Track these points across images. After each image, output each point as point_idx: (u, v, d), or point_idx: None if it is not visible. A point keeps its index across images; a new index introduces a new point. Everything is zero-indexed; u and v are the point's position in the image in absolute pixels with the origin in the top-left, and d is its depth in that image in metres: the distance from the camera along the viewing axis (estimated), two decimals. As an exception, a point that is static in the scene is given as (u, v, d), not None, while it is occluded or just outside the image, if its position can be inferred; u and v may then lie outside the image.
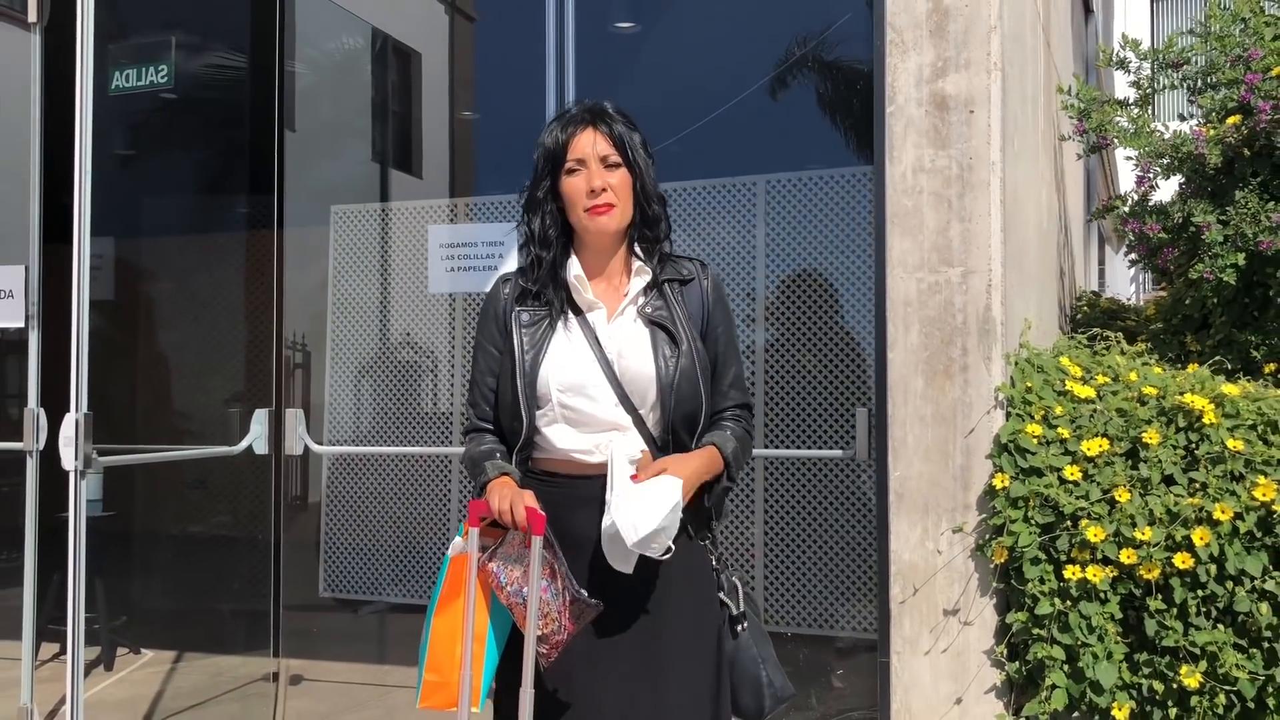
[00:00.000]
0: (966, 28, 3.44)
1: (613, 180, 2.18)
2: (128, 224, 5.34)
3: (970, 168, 3.42)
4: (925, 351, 3.45)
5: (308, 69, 5.38)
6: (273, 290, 4.37)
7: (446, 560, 2.11)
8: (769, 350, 4.93)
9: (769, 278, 5.15)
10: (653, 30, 4.47)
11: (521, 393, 2.16)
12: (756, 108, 4.83)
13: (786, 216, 4.95)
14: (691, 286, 2.28)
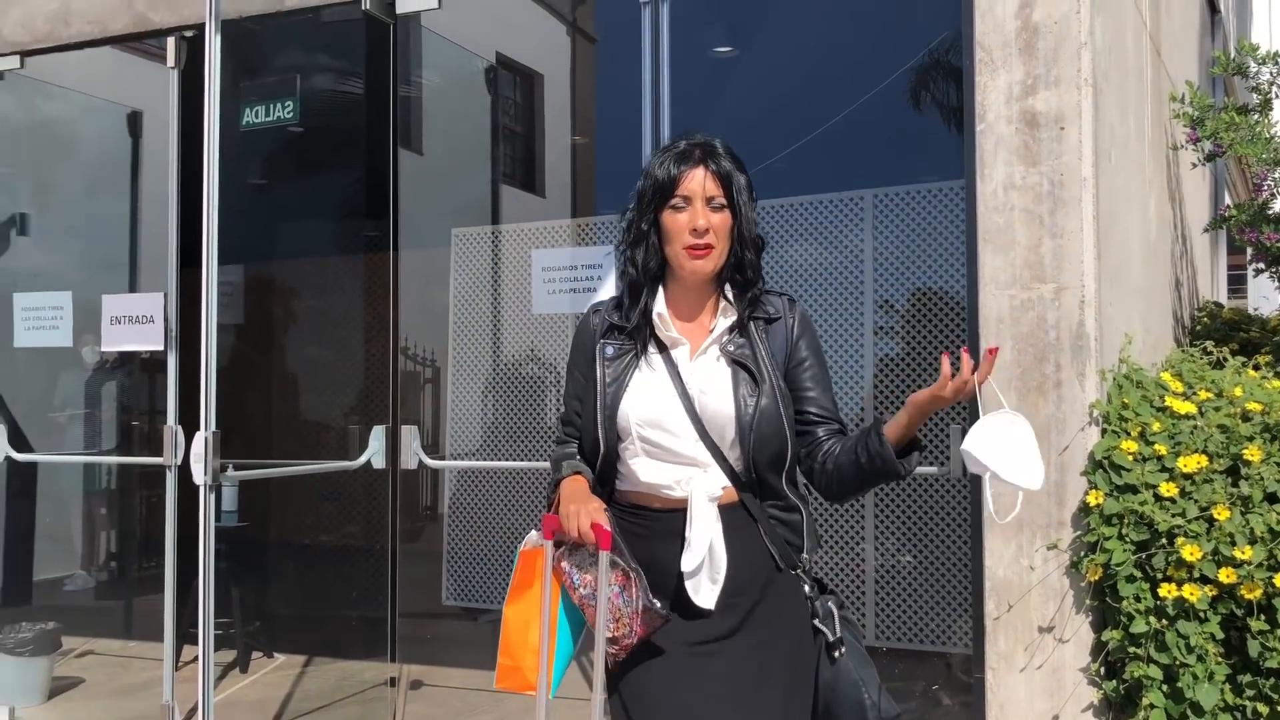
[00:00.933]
0: (1056, 45, 3.43)
1: (715, 220, 2.21)
2: (257, 250, 5.67)
3: (1061, 184, 3.41)
4: (1018, 368, 3.45)
5: (433, 94, 5.63)
6: (389, 311, 4.59)
7: (517, 553, 2.24)
8: (877, 365, 4.96)
9: (877, 292, 5.17)
10: (750, 54, 4.55)
11: (601, 425, 2.23)
12: (859, 124, 4.87)
13: (895, 230, 4.97)
14: (777, 324, 2.29)
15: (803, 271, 5.16)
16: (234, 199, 5.57)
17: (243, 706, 5.06)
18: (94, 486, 6.49)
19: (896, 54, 4.29)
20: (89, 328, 5.18)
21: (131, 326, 4.68)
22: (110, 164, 5.98)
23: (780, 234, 5.29)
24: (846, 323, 5.13)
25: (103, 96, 5.79)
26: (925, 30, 4.04)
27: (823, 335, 4.64)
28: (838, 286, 5.10)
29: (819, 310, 5.07)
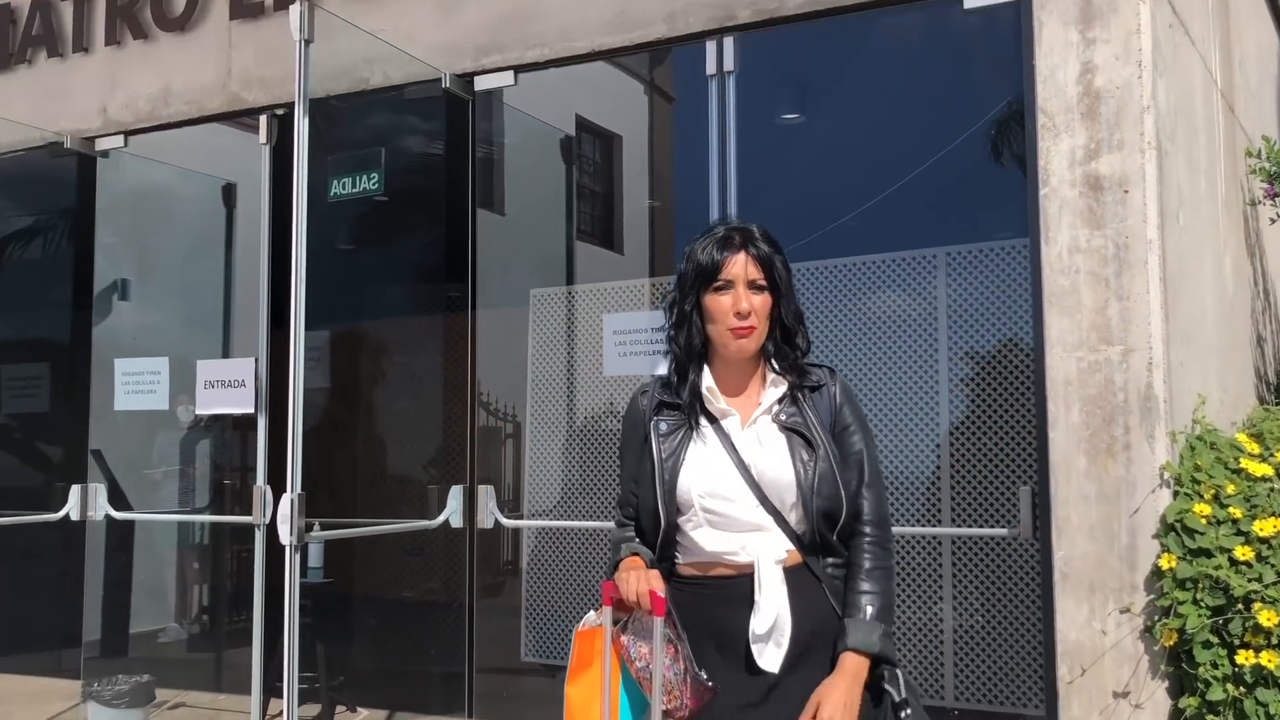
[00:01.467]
0: (1119, 109, 3.47)
1: (756, 302, 2.30)
2: (343, 312, 5.88)
3: (1127, 246, 3.43)
4: (1087, 430, 3.45)
5: (514, 158, 5.81)
6: (467, 373, 4.73)
7: (574, 634, 2.31)
8: (952, 422, 4.95)
9: (952, 347, 5.18)
10: (817, 120, 4.64)
11: (661, 499, 2.30)
12: (928, 185, 4.91)
13: (968, 286, 4.98)
14: (821, 392, 2.37)
15: (878, 324, 5.20)
16: (321, 265, 5.80)
17: (327, 760, 5.17)
18: (187, 541, 6.72)
19: (962, 117, 4.33)
20: (184, 387, 5.42)
21: (224, 390, 4.89)
22: (206, 232, 6.26)
23: (855, 289, 5.33)
24: (921, 376, 5.14)
25: (199, 170, 6.08)
26: (989, 94, 4.09)
27: (898, 388, 4.69)
28: (913, 341, 5.12)
29: (895, 363, 5.09)
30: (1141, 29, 3.47)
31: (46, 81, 5.49)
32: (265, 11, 4.93)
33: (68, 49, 5.42)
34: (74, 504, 5.24)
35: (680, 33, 4.18)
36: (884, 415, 4.63)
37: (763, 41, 4.22)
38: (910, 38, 4.18)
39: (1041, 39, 3.61)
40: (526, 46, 4.43)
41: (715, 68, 4.17)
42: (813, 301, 4.78)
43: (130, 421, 5.76)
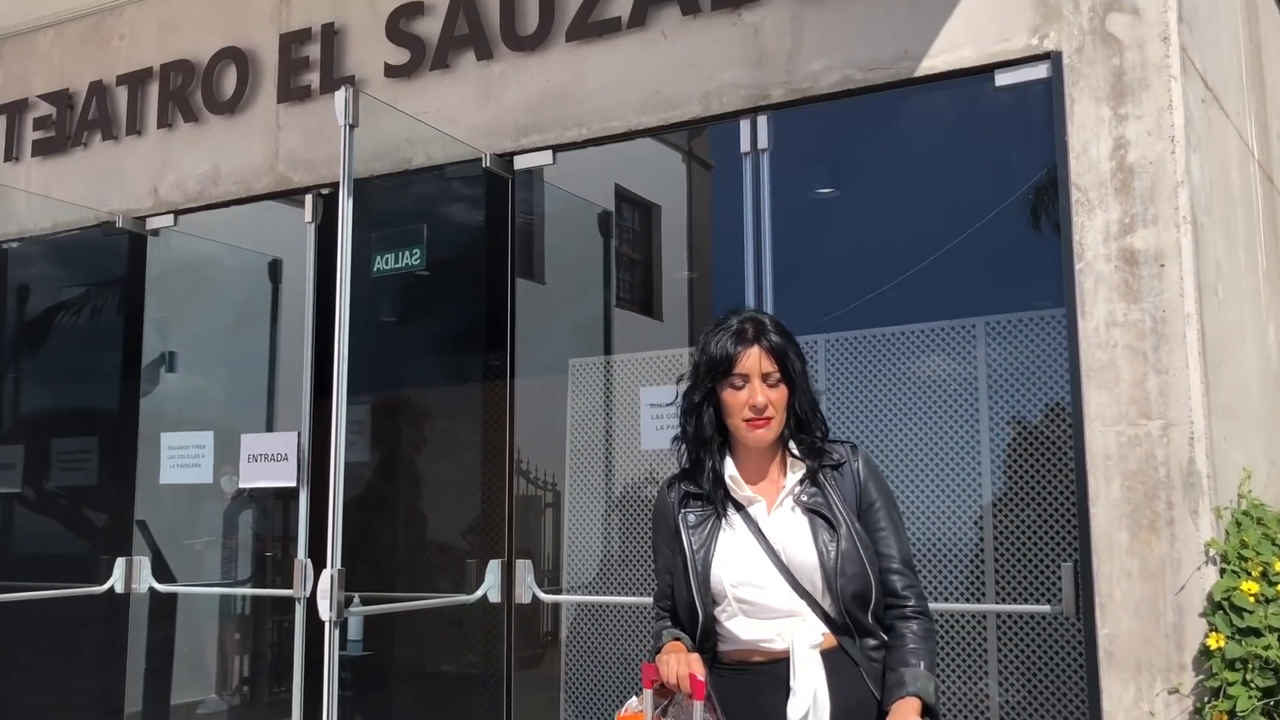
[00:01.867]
0: (1152, 184, 3.48)
1: (772, 395, 2.34)
2: (385, 384, 5.95)
3: (1164, 320, 3.41)
4: (1128, 505, 3.41)
5: (554, 230, 5.90)
6: (505, 445, 4.76)
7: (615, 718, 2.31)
8: (996, 498, 4.91)
9: (992, 417, 5.15)
10: (852, 194, 4.68)
11: (696, 591, 2.33)
12: (964, 256, 4.92)
13: (1007, 356, 4.97)
14: (844, 469, 2.40)
15: (918, 393, 5.19)
16: (364, 337, 5.88)
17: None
18: (229, 612, 6.76)
19: (996, 189, 4.35)
20: (229, 459, 5.49)
21: (267, 464, 4.95)
22: (251, 306, 6.38)
23: (894, 358, 5.33)
24: (963, 446, 5.11)
25: (246, 246, 6.21)
26: (1023, 167, 4.11)
27: (939, 459, 4.67)
28: (953, 411, 5.10)
29: (936, 433, 5.07)
30: (1174, 105, 3.49)
31: (101, 163, 5.67)
32: (312, 95, 5.07)
33: (121, 132, 5.60)
34: (119, 576, 5.30)
35: (715, 112, 4.25)
36: (925, 487, 4.60)
37: (796, 119, 4.28)
38: (942, 114, 4.22)
39: (1073, 115, 3.64)
40: (565, 127, 4.52)
41: (750, 145, 4.23)
42: (852, 370, 4.79)
43: (174, 493, 5.84)
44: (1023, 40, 3.75)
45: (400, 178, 4.92)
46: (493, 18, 4.68)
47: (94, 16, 5.77)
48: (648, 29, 4.37)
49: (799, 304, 4.93)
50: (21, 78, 5.99)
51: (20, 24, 5.93)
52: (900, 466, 4.57)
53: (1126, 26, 3.59)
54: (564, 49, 4.53)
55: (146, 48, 5.59)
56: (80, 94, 5.75)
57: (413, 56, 4.84)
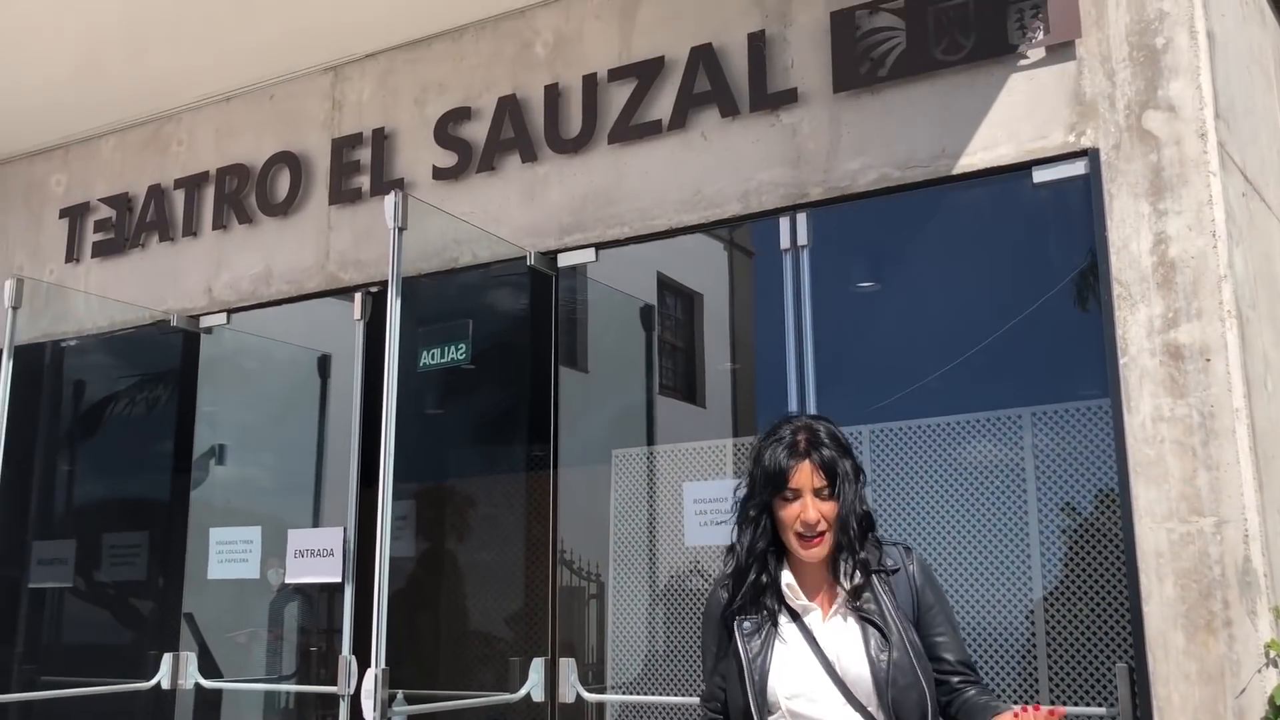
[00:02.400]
0: (1195, 279, 3.47)
1: (824, 509, 2.35)
2: (430, 477, 5.99)
3: (1212, 415, 3.38)
4: (1183, 605, 3.34)
5: (598, 322, 5.97)
6: (548, 538, 4.77)
7: None
8: (1047, 594, 4.83)
9: (1041, 508, 5.08)
10: (892, 288, 4.71)
11: (752, 701, 2.31)
12: (1008, 347, 4.91)
13: (1054, 447, 4.92)
14: (899, 575, 2.39)
15: (965, 484, 5.14)
16: (409, 429, 5.93)
17: None
18: (273, 708, 6.74)
19: (1038, 282, 4.36)
20: (276, 551, 5.53)
21: (313, 559, 4.99)
22: (301, 401, 6.48)
23: (939, 449, 5.29)
24: (1012, 541, 5.04)
25: (297, 342, 6.33)
26: (1063, 260, 4.12)
27: (989, 553, 4.61)
28: (1001, 503, 5.04)
29: (985, 525, 5.01)
30: (1213, 200, 3.50)
31: (157, 263, 5.83)
32: (362, 197, 5.21)
33: (178, 233, 5.77)
34: (165, 672, 5.32)
35: (754, 210, 4.32)
36: (974, 580, 4.54)
37: (836, 216, 4.33)
38: (981, 209, 4.25)
39: (1113, 211, 3.66)
40: (607, 225, 4.60)
41: (789, 242, 4.28)
42: (898, 461, 4.78)
43: (222, 588, 5.88)
44: (1060, 138, 3.79)
45: (447, 276, 5.02)
46: (537, 122, 4.81)
47: (154, 123, 5.98)
48: (688, 130, 4.47)
49: (842, 395, 4.94)
50: (84, 183, 6.21)
51: (85, 131, 6.17)
52: (948, 558, 4.52)
53: (1163, 123, 3.62)
54: (606, 150, 4.63)
55: (203, 152, 5.78)
56: (139, 197, 5.95)
57: (460, 159, 4.97)
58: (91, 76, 5.65)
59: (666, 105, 4.52)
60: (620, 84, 4.64)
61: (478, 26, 5.04)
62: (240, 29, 5.17)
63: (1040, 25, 3.84)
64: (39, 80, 5.66)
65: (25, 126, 6.18)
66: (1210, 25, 3.68)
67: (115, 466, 6.26)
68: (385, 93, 5.27)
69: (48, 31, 5.17)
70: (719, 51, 4.43)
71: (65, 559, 5.94)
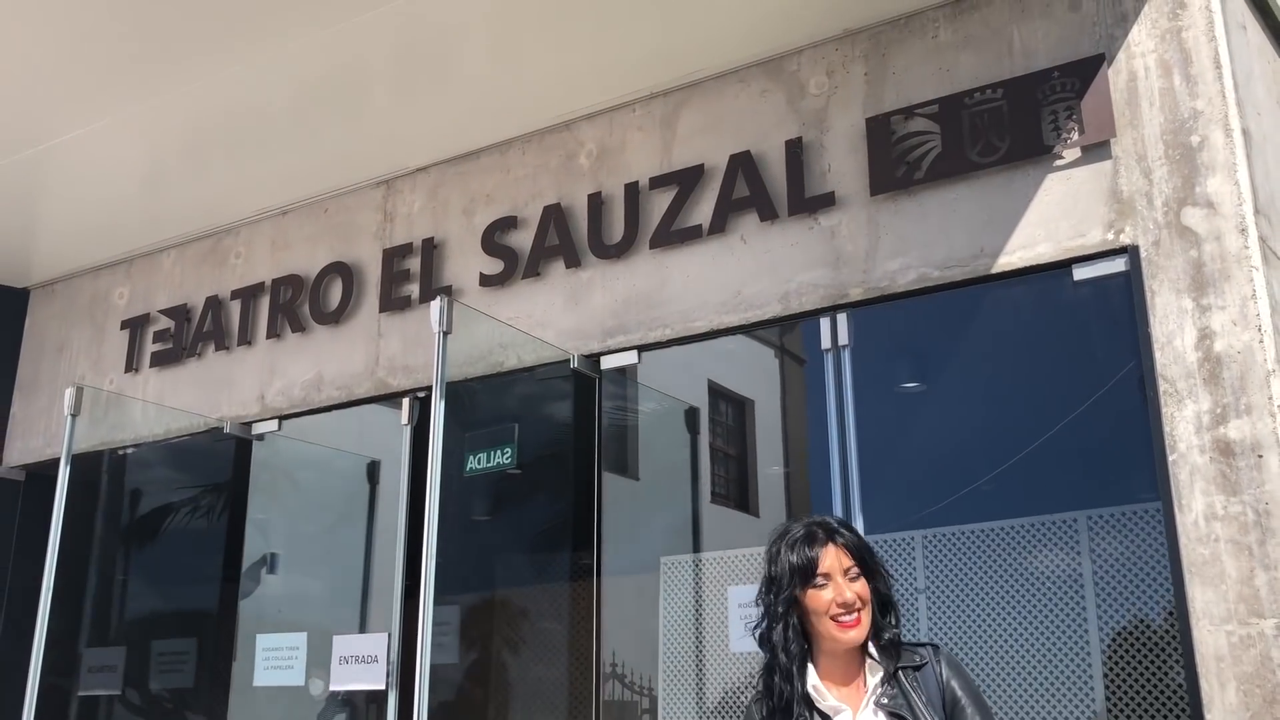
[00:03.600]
0: (1242, 374, 3.43)
1: (857, 588, 2.36)
2: (474, 585, 5.98)
3: (1268, 513, 3.30)
4: (1247, 712, 3.22)
5: (648, 428, 5.98)
6: (592, 648, 4.72)
7: None
8: (1111, 703, 4.68)
9: (1100, 616, 4.95)
10: (934, 389, 4.69)
11: None
12: (1057, 449, 4.85)
13: (1111, 551, 4.82)
14: (925, 670, 2.36)
15: (1022, 587, 5.03)
16: (455, 535, 5.93)
17: None
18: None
19: (1082, 382, 4.32)
20: (322, 658, 5.51)
21: (358, 666, 4.97)
22: (349, 507, 6.53)
23: (994, 555, 5.18)
24: (1070, 643, 4.90)
25: (346, 449, 6.41)
26: (1107, 358, 4.09)
27: (1045, 655, 4.49)
28: (1058, 606, 4.93)
29: (1042, 628, 4.90)
30: (1257, 294, 3.47)
31: (213, 372, 5.97)
32: (411, 305, 5.33)
33: (233, 342, 5.92)
34: (210, 782, 5.30)
35: (794, 311, 4.35)
36: (1036, 690, 4.42)
37: (876, 316, 4.35)
38: (1022, 308, 4.25)
39: (1155, 307, 3.64)
40: (649, 328, 4.66)
41: (830, 342, 4.30)
42: (951, 567, 4.70)
43: (270, 696, 5.86)
44: (1098, 235, 3.80)
45: (493, 380, 5.08)
46: (581, 229, 4.92)
47: (213, 237, 6.20)
48: (727, 235, 4.54)
49: (888, 497, 4.89)
50: (146, 295, 6.42)
51: (148, 246, 6.39)
52: (1007, 667, 4.40)
53: (1202, 219, 3.61)
54: (647, 255, 4.71)
55: (259, 264, 5.96)
56: (197, 308, 6.12)
57: (506, 266, 5.08)
58: (155, 193, 5.90)
59: (706, 211, 4.60)
60: (661, 191, 4.74)
61: (524, 140, 5.20)
62: (297, 146, 5.39)
63: (1075, 126, 3.89)
64: (105, 197, 5.92)
65: (91, 242, 6.43)
66: (1245, 123, 3.69)
67: (167, 573, 6.32)
68: (435, 204, 5.42)
69: (115, 151, 5.42)
70: (757, 158, 4.53)
71: (115, 666, 5.96)
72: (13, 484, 6.58)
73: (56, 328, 6.78)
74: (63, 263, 6.70)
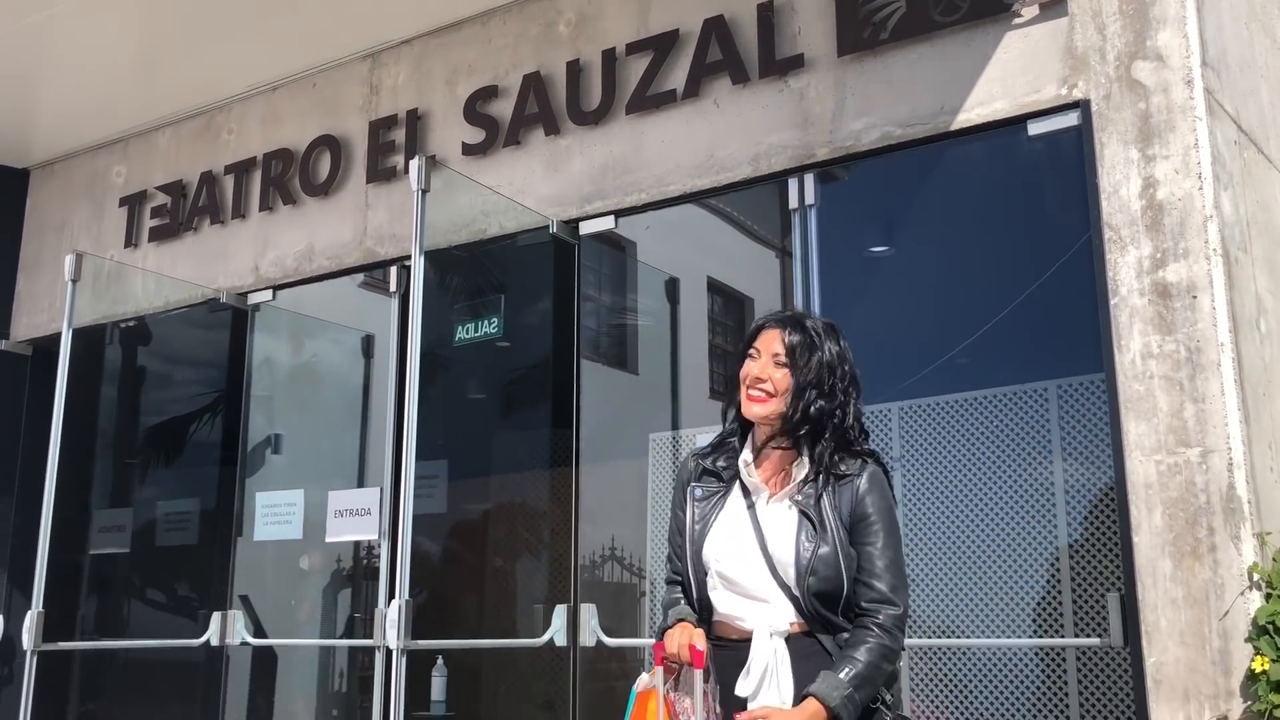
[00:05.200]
0: (1182, 220, 3.58)
1: (775, 375, 2.50)
2: (461, 437, 6.22)
3: (1199, 350, 3.48)
4: (1170, 533, 3.44)
5: (649, 318, 6.16)
6: (571, 499, 4.95)
7: (633, 694, 2.45)
8: (1073, 548, 4.91)
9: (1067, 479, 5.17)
10: (904, 251, 4.84)
11: (690, 559, 2.51)
12: (1026, 317, 5.01)
13: (1081, 418, 5.01)
14: (848, 482, 2.47)
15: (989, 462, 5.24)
16: (444, 400, 6.15)
17: None
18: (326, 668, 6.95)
19: (1050, 246, 4.46)
20: (318, 516, 5.73)
21: (352, 519, 5.23)
22: (346, 379, 6.76)
23: (963, 428, 5.39)
24: (1037, 509, 5.12)
25: (341, 323, 6.61)
26: (1070, 219, 4.22)
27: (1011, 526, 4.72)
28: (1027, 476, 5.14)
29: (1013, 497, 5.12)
30: (1199, 144, 3.60)
31: (209, 245, 6.15)
32: (396, 175, 5.48)
33: (228, 216, 6.09)
34: (214, 630, 5.59)
35: (763, 172, 4.48)
36: (1004, 550, 4.68)
37: (843, 185, 4.51)
38: (981, 165, 4.36)
39: (1104, 159, 3.77)
40: (625, 193, 4.81)
41: (797, 202, 4.44)
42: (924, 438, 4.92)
43: (270, 552, 6.14)
44: (1053, 91, 3.92)
45: (475, 248, 5.25)
46: (560, 97, 5.03)
47: (206, 115, 6.32)
48: (701, 99, 4.66)
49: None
50: (143, 173, 6.57)
51: (144, 124, 6.52)
52: (977, 531, 4.59)
53: (1151, 72, 3.73)
54: (624, 121, 4.84)
55: (251, 139, 6.10)
56: (192, 184, 6.28)
57: (487, 135, 5.21)
58: (149, 73, 6.02)
59: (681, 75, 4.71)
60: (638, 57, 4.85)
61: (505, 9, 5.29)
62: (286, 22, 5.49)
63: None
64: (101, 80, 6.05)
65: (88, 123, 6.56)
66: (1198, -22, 3.79)
67: (170, 438, 6.58)
68: (419, 76, 5.54)
69: (109, 34, 5.54)
70: (730, 22, 4.62)
71: (124, 526, 6.26)
72: (20, 358, 6.82)
73: (57, 207, 6.95)
74: (61, 143, 6.84)
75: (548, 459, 5.49)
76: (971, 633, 4.92)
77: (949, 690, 5.03)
